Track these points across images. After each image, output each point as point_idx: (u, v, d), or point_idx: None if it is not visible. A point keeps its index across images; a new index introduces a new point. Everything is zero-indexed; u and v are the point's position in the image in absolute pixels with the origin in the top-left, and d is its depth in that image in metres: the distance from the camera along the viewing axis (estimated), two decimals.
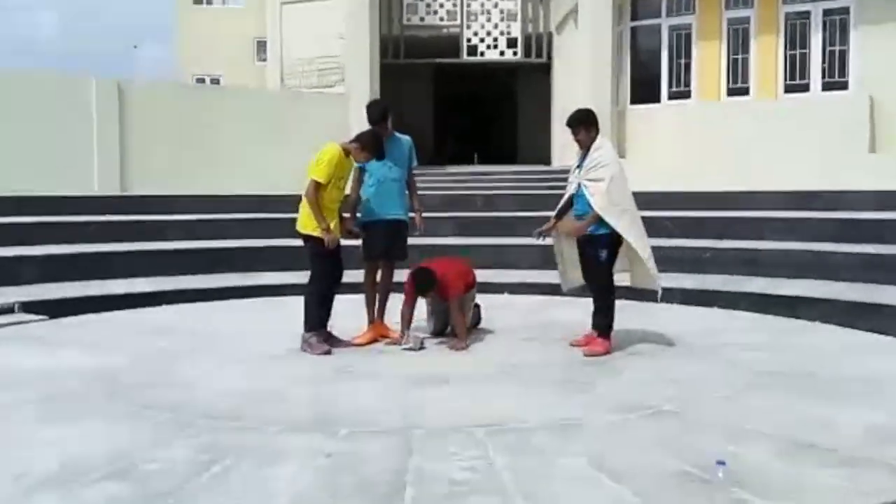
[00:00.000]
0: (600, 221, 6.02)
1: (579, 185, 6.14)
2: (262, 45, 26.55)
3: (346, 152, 6.23)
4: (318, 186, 6.05)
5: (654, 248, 10.34)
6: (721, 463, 3.14)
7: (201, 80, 27.17)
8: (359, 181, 6.80)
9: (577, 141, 6.23)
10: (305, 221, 6.18)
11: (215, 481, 3.58)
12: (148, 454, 3.92)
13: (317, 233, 6.08)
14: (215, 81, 27.27)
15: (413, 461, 3.81)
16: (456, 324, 6.47)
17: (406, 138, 6.84)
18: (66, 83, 13.82)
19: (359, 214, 6.75)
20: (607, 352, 6.07)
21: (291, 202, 12.75)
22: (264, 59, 24.18)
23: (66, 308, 8.25)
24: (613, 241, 6.09)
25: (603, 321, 6.16)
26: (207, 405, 4.76)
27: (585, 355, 6.03)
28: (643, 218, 6.14)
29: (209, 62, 27.67)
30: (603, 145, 6.20)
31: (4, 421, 4.53)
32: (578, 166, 6.22)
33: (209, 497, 3.41)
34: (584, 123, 6.19)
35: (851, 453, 3.88)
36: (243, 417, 4.53)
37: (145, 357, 6.14)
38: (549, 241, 6.57)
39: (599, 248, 6.09)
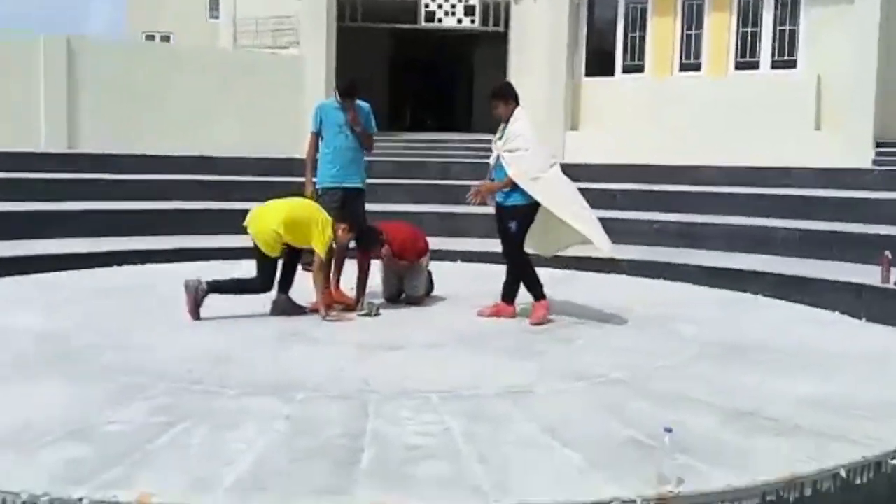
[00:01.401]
0: (512, 192, 6.10)
1: (498, 157, 6.22)
2: (214, 2, 26.05)
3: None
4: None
5: (605, 220, 10.63)
6: (668, 430, 3.27)
7: (151, 38, 26.60)
8: (315, 146, 6.83)
9: (496, 114, 6.29)
10: (269, 242, 6.11)
11: (176, 443, 3.63)
12: (105, 416, 3.94)
13: (269, 253, 6.10)
14: (165, 39, 26.72)
15: (370, 425, 3.90)
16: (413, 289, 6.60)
17: (364, 105, 6.87)
18: (15, 40, 13.47)
19: (315, 179, 6.79)
20: (547, 311, 6.21)
21: (241, 165, 12.75)
22: (217, 17, 23.73)
23: (9, 266, 8.13)
24: (525, 213, 6.16)
25: (532, 291, 6.27)
26: (164, 368, 4.78)
27: (531, 324, 6.14)
28: (595, 190, 6.25)
29: (160, 19, 27.09)
30: (520, 117, 6.24)
31: None
32: (500, 138, 6.28)
33: (171, 458, 3.46)
34: (501, 97, 6.27)
35: (788, 422, 4.07)
36: (201, 380, 4.56)
37: (98, 318, 6.11)
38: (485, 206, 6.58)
39: (510, 219, 6.18)
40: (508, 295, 6.41)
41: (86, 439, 3.64)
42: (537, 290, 6.30)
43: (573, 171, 12.73)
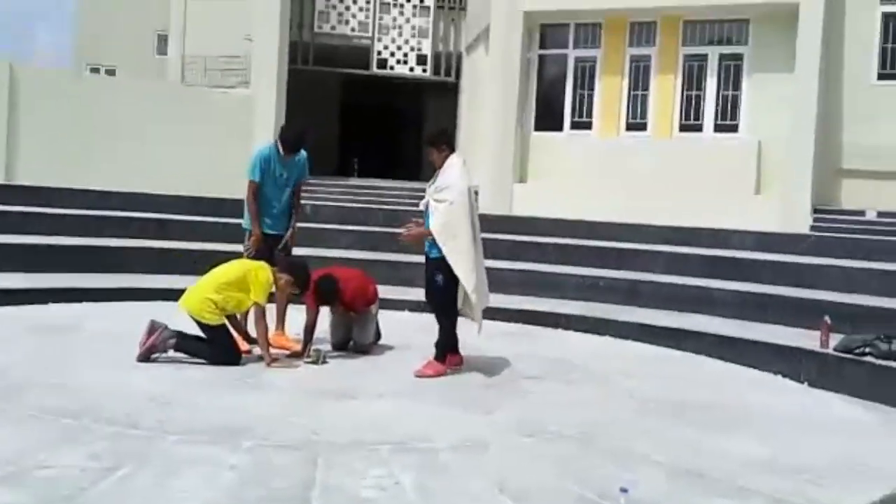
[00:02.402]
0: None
1: (428, 204, 6.12)
2: (163, 39, 25.84)
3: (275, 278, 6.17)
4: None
5: (549, 274, 10.76)
6: (624, 490, 3.26)
7: (96, 70, 26.22)
8: (256, 195, 6.73)
9: (430, 161, 6.21)
10: (200, 310, 5.98)
11: (115, 490, 3.49)
12: (42, 459, 3.79)
13: (211, 321, 5.98)
14: (110, 72, 26.37)
15: (319, 476, 3.81)
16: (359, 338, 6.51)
17: (303, 154, 6.85)
18: None
19: (243, 223, 6.86)
20: (437, 374, 6.05)
21: (183, 203, 12.52)
22: (165, 53, 23.55)
23: None
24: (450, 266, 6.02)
25: (439, 348, 6.15)
26: (103, 410, 4.62)
27: (415, 376, 6.01)
28: (540, 243, 6.07)
29: (105, 52, 26.75)
30: (452, 165, 6.09)
31: None
32: (432, 184, 6.17)
33: None
34: (433, 144, 6.17)
35: (736, 483, 4.10)
36: (141, 424, 4.42)
37: (34, 356, 5.91)
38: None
39: (436, 270, 6.06)
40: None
41: (20, 484, 3.48)
42: (445, 350, 6.15)
43: (520, 224, 12.96)
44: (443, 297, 6.12)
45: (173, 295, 7.42)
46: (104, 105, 14.46)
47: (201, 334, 6.06)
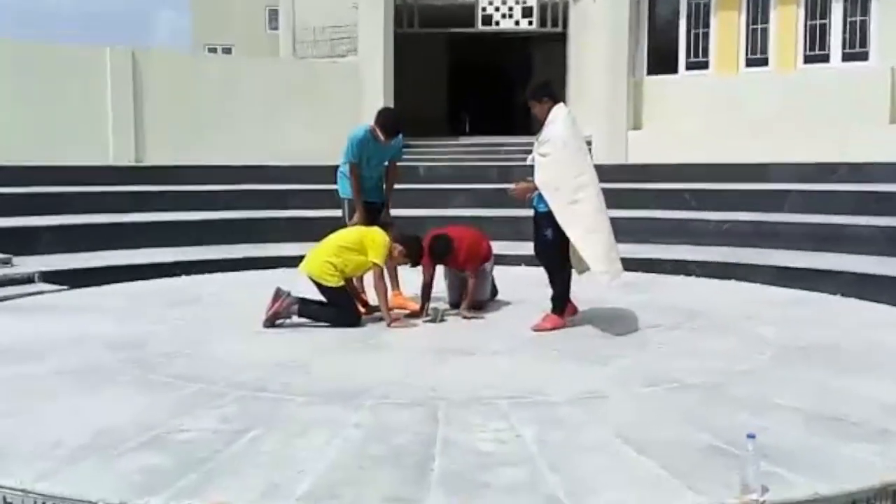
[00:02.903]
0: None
1: (534, 159, 5.99)
2: (274, 14, 26.39)
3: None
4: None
5: (671, 221, 10.48)
6: (751, 436, 3.14)
7: (213, 50, 27.10)
8: (355, 173, 6.90)
9: (533, 115, 6.05)
10: (321, 272, 6.12)
11: (247, 451, 3.62)
12: (178, 423, 3.96)
13: (331, 283, 6.11)
14: (227, 51, 27.20)
15: (440, 432, 3.84)
16: (469, 293, 6.51)
17: (399, 138, 6.94)
18: (82, 53, 13.83)
19: (339, 189, 7.11)
20: (555, 327, 5.98)
21: (306, 173, 12.81)
22: (276, 28, 24.05)
23: (85, 278, 8.34)
24: None
25: (554, 302, 6.08)
26: (232, 375, 4.80)
27: (533, 330, 5.96)
28: (661, 190, 5.99)
29: (221, 31, 27.58)
30: (556, 119, 5.88)
31: (33, 390, 4.57)
32: (538, 138, 6.02)
33: (242, 466, 3.45)
34: (534, 97, 5.97)
35: (874, 426, 3.89)
36: (268, 388, 4.56)
37: (168, 327, 6.19)
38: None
39: (546, 225, 5.94)
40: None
41: (161, 447, 3.66)
42: (560, 304, 6.09)
43: (637, 172, 12.65)
44: (553, 250, 6.03)
45: (295, 262, 7.69)
46: (219, 83, 14.92)
47: (322, 299, 6.21)
